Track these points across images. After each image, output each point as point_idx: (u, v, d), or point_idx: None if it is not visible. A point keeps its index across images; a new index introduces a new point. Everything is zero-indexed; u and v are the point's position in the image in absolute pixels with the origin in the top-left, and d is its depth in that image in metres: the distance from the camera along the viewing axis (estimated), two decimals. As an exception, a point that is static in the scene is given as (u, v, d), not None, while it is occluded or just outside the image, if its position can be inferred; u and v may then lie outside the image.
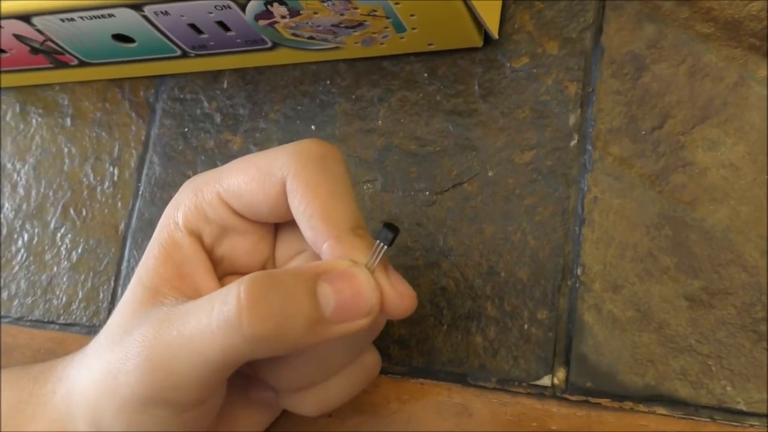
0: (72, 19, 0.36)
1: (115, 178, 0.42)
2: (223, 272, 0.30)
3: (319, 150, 0.27)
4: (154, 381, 0.25)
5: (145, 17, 0.35)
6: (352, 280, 0.25)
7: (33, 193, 0.44)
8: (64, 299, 0.41)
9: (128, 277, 0.40)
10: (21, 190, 0.44)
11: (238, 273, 0.30)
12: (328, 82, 0.38)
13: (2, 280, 0.43)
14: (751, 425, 0.28)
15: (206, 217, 0.29)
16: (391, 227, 0.26)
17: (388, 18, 0.33)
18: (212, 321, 0.24)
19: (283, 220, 0.29)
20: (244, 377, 0.30)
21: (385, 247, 0.26)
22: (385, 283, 0.26)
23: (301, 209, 0.27)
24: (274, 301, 0.24)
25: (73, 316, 0.41)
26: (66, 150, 0.44)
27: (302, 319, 0.24)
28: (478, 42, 0.35)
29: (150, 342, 0.25)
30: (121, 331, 0.27)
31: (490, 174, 0.34)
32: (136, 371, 0.25)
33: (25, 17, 0.36)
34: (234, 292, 0.24)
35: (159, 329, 0.25)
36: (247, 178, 0.28)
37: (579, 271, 0.31)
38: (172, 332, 0.25)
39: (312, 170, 0.27)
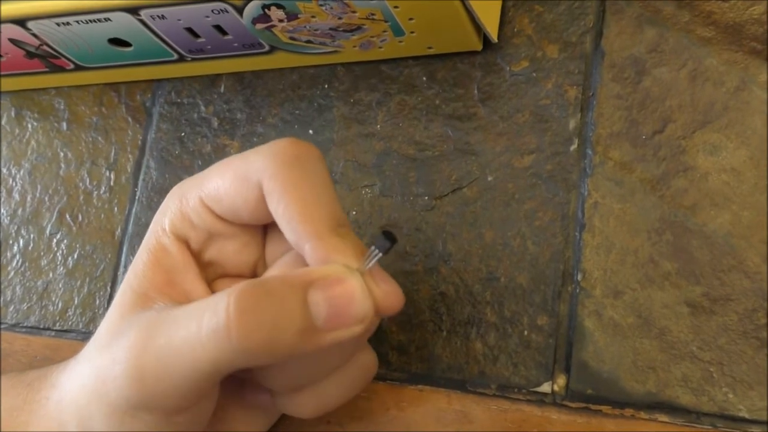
0: (68, 23, 0.36)
1: (112, 183, 0.42)
2: (214, 275, 0.30)
3: (294, 150, 0.27)
4: (142, 387, 0.25)
5: (142, 21, 0.35)
6: (344, 286, 0.25)
7: (28, 198, 0.43)
8: (60, 305, 0.41)
9: (125, 283, 0.40)
10: (16, 195, 0.44)
11: (229, 276, 0.30)
12: (326, 86, 0.38)
13: (-2, 286, 0.43)
14: (754, 433, 0.28)
15: (192, 223, 0.28)
16: (390, 236, 0.26)
17: (386, 22, 0.33)
18: (201, 331, 0.24)
19: (266, 222, 0.29)
20: (239, 380, 0.30)
21: (380, 254, 0.26)
22: (374, 287, 0.26)
23: (279, 212, 0.26)
24: (263, 313, 0.24)
25: (69, 323, 0.40)
26: (62, 155, 0.43)
27: (293, 330, 0.24)
28: (478, 45, 0.35)
29: (138, 348, 0.25)
30: (109, 336, 0.27)
31: (489, 179, 0.34)
32: (124, 376, 0.25)
33: (21, 21, 0.36)
34: (223, 303, 0.23)
35: (147, 335, 0.25)
36: (225, 183, 0.27)
37: (579, 277, 0.31)
38: (161, 339, 0.25)
39: (288, 171, 0.26)
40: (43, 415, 0.28)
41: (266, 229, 0.30)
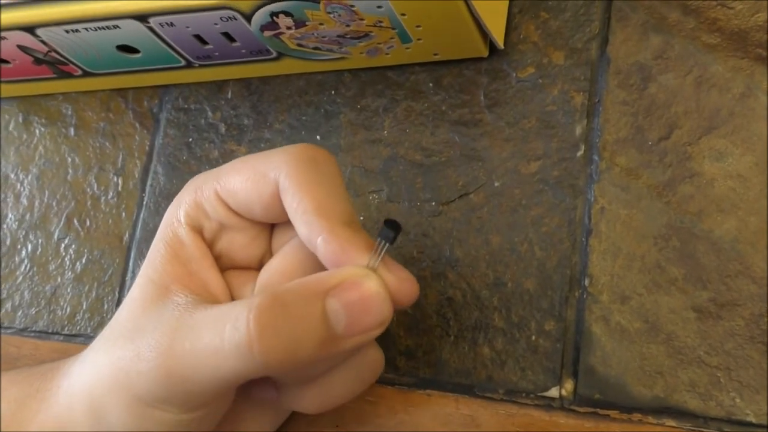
0: (77, 31, 0.36)
1: (119, 189, 0.42)
2: (222, 267, 0.30)
3: (311, 153, 0.28)
4: (168, 385, 0.26)
5: (150, 28, 0.35)
6: (361, 290, 0.25)
7: (36, 203, 0.44)
8: (68, 310, 0.41)
9: (133, 288, 0.40)
10: (24, 201, 0.44)
11: (237, 268, 0.30)
12: (332, 92, 0.38)
13: (6, 291, 0.43)
14: (761, 437, 0.28)
15: (206, 214, 0.29)
16: (393, 224, 0.26)
17: (393, 29, 0.33)
18: (224, 343, 0.24)
19: (277, 221, 0.29)
20: None
21: (387, 245, 0.26)
22: (387, 275, 0.26)
23: (294, 206, 0.27)
24: (284, 328, 0.24)
25: (78, 327, 0.40)
26: (69, 160, 0.44)
27: (314, 341, 0.25)
28: (484, 52, 0.35)
29: (164, 349, 0.26)
30: (130, 326, 0.28)
31: (496, 184, 0.34)
32: (150, 374, 0.26)
33: (30, 29, 0.36)
34: (243, 319, 0.24)
35: (173, 338, 0.26)
36: (242, 178, 0.28)
37: (586, 282, 0.31)
38: (185, 344, 0.25)
39: (304, 170, 0.27)
40: (53, 403, 0.29)
41: (273, 225, 0.31)
